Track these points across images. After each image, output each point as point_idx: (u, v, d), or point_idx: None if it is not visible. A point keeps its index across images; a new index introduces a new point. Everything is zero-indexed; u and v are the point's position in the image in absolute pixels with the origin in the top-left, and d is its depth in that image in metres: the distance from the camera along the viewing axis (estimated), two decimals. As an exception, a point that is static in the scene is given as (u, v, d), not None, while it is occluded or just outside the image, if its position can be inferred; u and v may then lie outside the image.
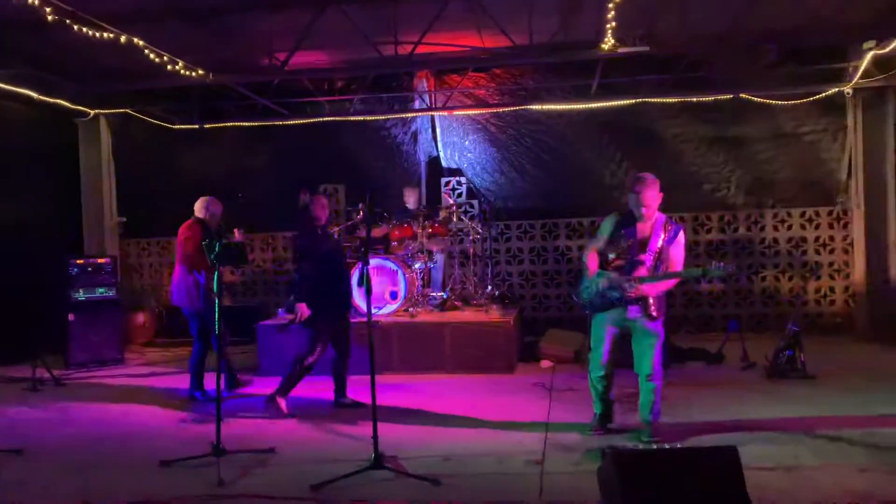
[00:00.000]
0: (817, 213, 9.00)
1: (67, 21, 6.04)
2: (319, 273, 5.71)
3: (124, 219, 9.93)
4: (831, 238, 8.98)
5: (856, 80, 8.12)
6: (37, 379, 7.04)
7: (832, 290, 8.98)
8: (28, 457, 4.96)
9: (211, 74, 7.64)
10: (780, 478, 4.05)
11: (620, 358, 4.86)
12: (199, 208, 6.44)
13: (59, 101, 8.51)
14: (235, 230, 6.63)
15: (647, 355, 4.68)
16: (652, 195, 4.62)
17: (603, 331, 4.82)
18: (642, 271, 4.60)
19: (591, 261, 4.84)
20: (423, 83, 9.46)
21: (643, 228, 4.68)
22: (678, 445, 4.56)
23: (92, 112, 9.26)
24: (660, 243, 4.62)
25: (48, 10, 5.80)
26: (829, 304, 8.99)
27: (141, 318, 9.79)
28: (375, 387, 4.49)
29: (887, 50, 7.56)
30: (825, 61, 8.26)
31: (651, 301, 4.61)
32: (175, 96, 9.34)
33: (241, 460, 4.59)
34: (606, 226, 4.83)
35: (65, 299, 8.12)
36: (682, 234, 4.69)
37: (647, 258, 4.61)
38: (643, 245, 4.64)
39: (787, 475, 4.10)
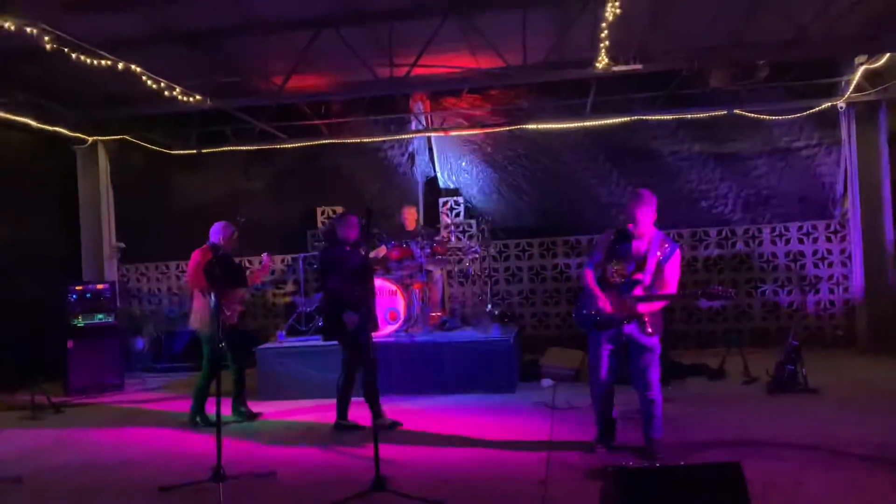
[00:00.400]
0: (815, 227, 9.03)
1: (66, 49, 6.10)
2: (347, 289, 5.67)
3: (123, 244, 9.94)
4: (829, 251, 9.00)
5: (849, 94, 8.22)
6: (36, 406, 7.03)
7: (832, 303, 8.99)
8: (28, 485, 4.93)
9: (209, 99, 7.69)
10: (784, 494, 4.03)
11: (620, 375, 4.86)
12: (212, 234, 6.43)
13: (57, 128, 8.57)
14: (265, 255, 6.71)
15: (646, 371, 4.67)
16: (644, 212, 4.57)
17: (601, 349, 4.81)
18: (638, 290, 4.59)
19: (588, 279, 4.84)
20: (419, 105, 9.54)
21: (639, 246, 4.66)
22: (681, 462, 4.52)
23: (90, 139, 9.31)
24: (656, 262, 4.60)
25: (46, 38, 5.86)
26: (829, 317, 8.99)
27: (140, 343, 9.77)
28: (376, 408, 4.48)
29: (878, 64, 7.67)
30: (818, 76, 8.34)
31: (646, 319, 4.59)
32: (172, 122, 9.41)
33: (241, 485, 4.56)
34: (603, 243, 4.82)
35: (64, 325, 8.10)
36: (677, 254, 4.65)
37: (643, 276, 4.59)
38: (639, 263, 4.63)
39: (790, 491, 4.08)
